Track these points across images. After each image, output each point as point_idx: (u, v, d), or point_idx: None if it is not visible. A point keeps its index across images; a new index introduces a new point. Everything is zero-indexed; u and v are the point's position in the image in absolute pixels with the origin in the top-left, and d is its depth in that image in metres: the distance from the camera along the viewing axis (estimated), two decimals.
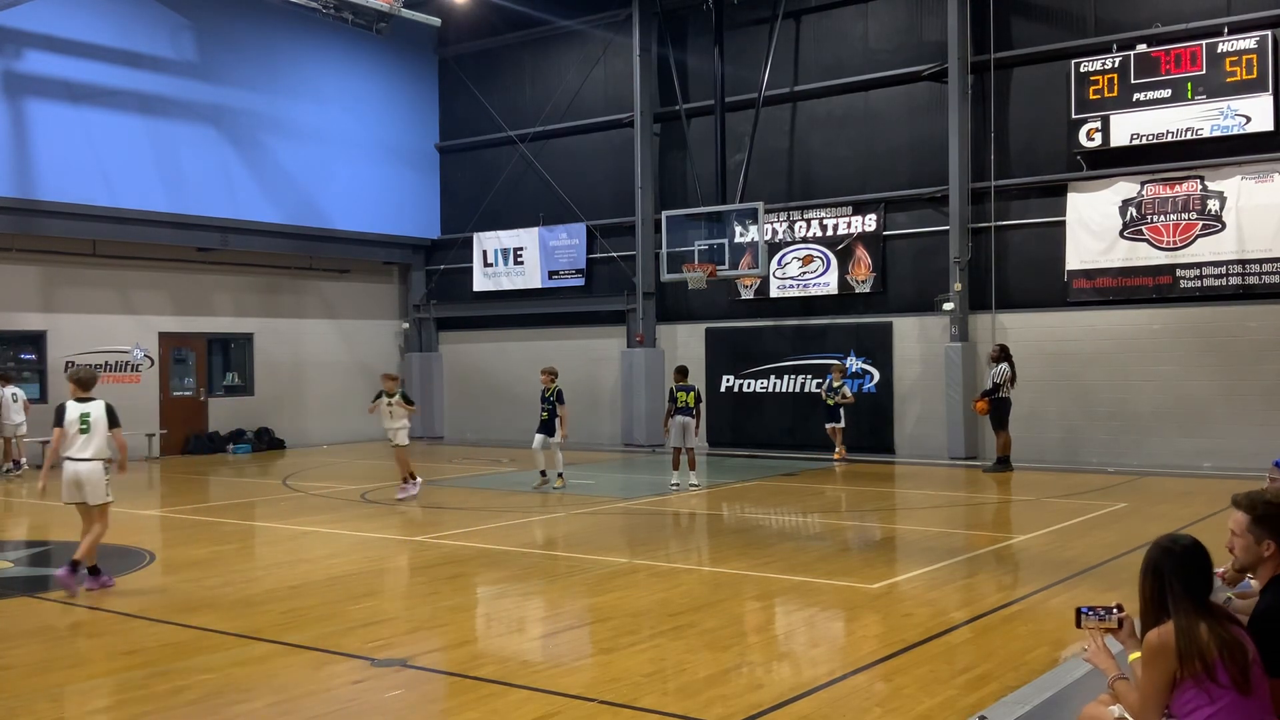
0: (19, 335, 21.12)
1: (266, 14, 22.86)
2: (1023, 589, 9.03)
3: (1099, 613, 4.12)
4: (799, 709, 5.87)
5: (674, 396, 16.30)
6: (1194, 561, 3.84)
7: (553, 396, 15.98)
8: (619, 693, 6.17)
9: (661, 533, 12.85)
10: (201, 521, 13.54)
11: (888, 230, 20.74)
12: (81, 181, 20.48)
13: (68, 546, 11.91)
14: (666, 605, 8.49)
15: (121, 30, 21.36)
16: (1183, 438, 17.85)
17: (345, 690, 6.39)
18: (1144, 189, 18.23)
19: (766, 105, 21.49)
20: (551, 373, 16.21)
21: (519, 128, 25.37)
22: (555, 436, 15.98)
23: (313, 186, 24.41)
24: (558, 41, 25.06)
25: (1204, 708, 3.67)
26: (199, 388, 23.74)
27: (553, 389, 16.00)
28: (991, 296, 19.60)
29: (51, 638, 7.78)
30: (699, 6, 22.25)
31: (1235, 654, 3.68)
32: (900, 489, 16.68)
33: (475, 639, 7.95)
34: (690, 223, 20.96)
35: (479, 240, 26.12)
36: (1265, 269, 17.25)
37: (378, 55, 25.37)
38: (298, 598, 8.92)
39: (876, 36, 21.05)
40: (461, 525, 12.96)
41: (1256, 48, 17.12)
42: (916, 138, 20.46)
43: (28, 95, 20.04)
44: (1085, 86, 18.50)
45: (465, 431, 26.18)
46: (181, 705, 6.11)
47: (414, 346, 27.15)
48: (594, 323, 24.49)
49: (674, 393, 16.33)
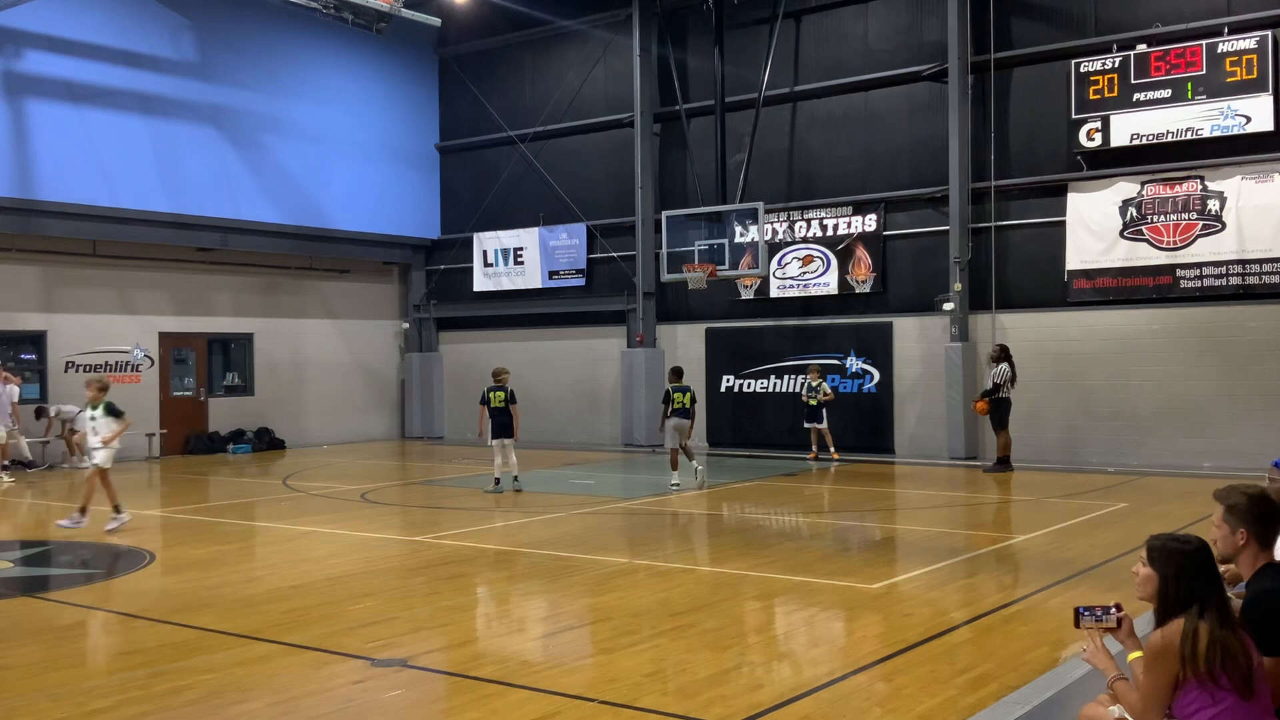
0: (19, 335, 21.12)
1: (266, 14, 22.86)
2: (1023, 589, 9.02)
3: (1097, 613, 4.13)
4: (799, 709, 5.87)
5: (669, 398, 16.18)
6: (1201, 563, 3.85)
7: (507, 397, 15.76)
8: (619, 693, 6.17)
9: (661, 533, 12.85)
10: (201, 521, 13.54)
11: (888, 230, 20.74)
12: (81, 181, 20.48)
13: (68, 546, 11.92)
14: (666, 605, 8.49)
15: (121, 30, 21.36)
16: (1183, 438, 17.85)
17: (345, 690, 6.39)
18: (1144, 189, 18.23)
19: (766, 105, 21.49)
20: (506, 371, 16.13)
21: (519, 128, 25.37)
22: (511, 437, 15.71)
23: (313, 186, 24.41)
24: (558, 41, 25.07)
25: (1205, 710, 3.67)
26: (199, 388, 23.74)
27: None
28: (992, 296, 19.60)
29: (51, 638, 7.77)
30: (699, 6, 22.25)
31: (1238, 657, 3.69)
32: (900, 489, 16.67)
33: (475, 639, 7.95)
34: (690, 223, 20.96)
35: (479, 240, 26.12)
36: (1265, 269, 17.25)
37: (378, 55, 25.37)
38: (298, 598, 8.92)
39: (876, 36, 21.05)
40: (461, 525, 12.96)
41: (1256, 48, 17.12)
42: (916, 138, 20.46)
43: (28, 95, 20.04)
44: (1085, 86, 18.50)
45: (465, 431, 26.16)
46: (181, 705, 6.11)
47: (414, 346, 27.15)
48: (594, 323, 24.49)
49: (670, 394, 16.22)
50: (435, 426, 26.61)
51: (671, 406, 16.12)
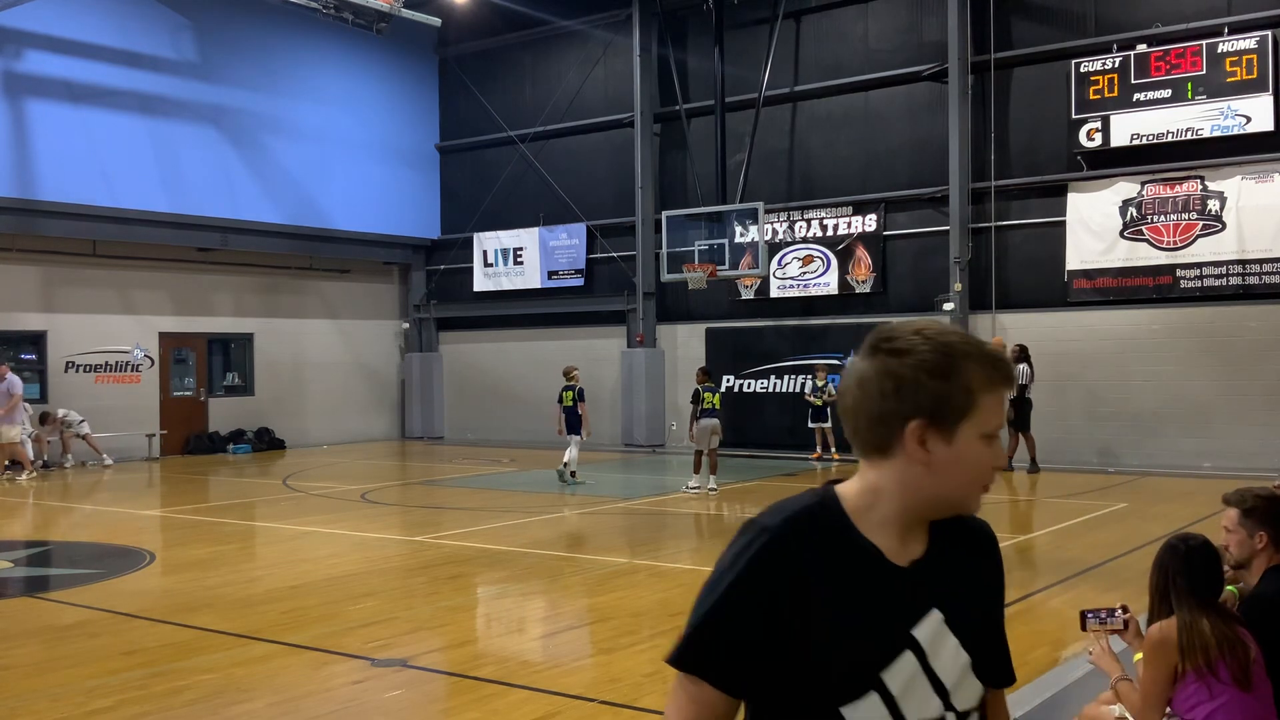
0: (19, 335, 21.11)
1: (266, 14, 22.85)
2: (1023, 589, 9.02)
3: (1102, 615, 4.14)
4: None
5: (699, 397, 15.63)
6: (1201, 559, 3.87)
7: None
8: (619, 693, 6.17)
9: (661, 533, 12.85)
10: (201, 521, 13.54)
11: (888, 230, 20.74)
12: (81, 181, 20.47)
13: (68, 546, 11.92)
14: (666, 605, 8.49)
15: (121, 30, 21.35)
16: (1183, 438, 17.85)
17: (345, 690, 6.39)
18: (1144, 189, 18.23)
19: (766, 105, 21.49)
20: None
21: (519, 128, 25.37)
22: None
23: (313, 186, 24.41)
24: (558, 41, 25.06)
25: (1204, 704, 3.68)
26: (199, 388, 23.74)
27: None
28: (992, 296, 19.60)
29: (51, 638, 7.77)
30: (699, 6, 22.24)
31: (1237, 651, 3.70)
32: None
33: (475, 639, 7.95)
34: (690, 223, 20.97)
35: (479, 240, 26.11)
36: (1265, 269, 17.25)
37: (378, 55, 25.36)
38: (298, 598, 8.92)
39: (876, 36, 21.05)
40: (461, 525, 12.96)
41: (1256, 48, 17.12)
42: (916, 138, 20.46)
43: (28, 95, 20.04)
44: (1085, 86, 18.49)
45: (465, 431, 26.17)
46: (181, 705, 6.11)
47: (414, 346, 27.14)
48: (594, 323, 24.48)
49: (699, 394, 15.69)
50: (435, 427, 26.60)
51: (701, 406, 15.54)
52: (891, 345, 1.74)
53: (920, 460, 1.72)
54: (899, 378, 1.71)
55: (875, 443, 1.75)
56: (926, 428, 1.71)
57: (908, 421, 1.71)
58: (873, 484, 1.77)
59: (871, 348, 1.76)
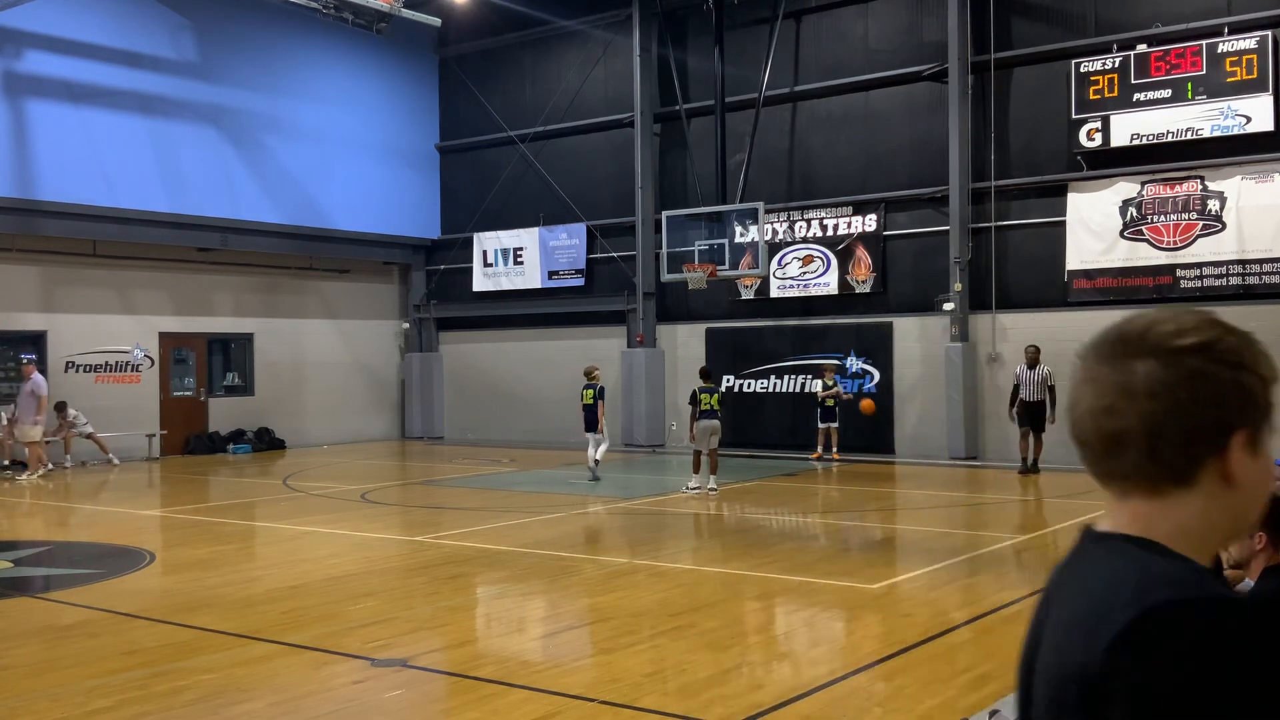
0: (19, 335, 21.11)
1: (266, 14, 22.85)
2: (1023, 589, 9.01)
3: None
4: (799, 709, 5.87)
5: (696, 399, 15.53)
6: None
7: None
8: (619, 693, 6.17)
9: (661, 533, 12.85)
10: (201, 521, 13.54)
11: (888, 230, 20.74)
12: (81, 181, 20.47)
13: (68, 546, 11.92)
14: (666, 605, 8.49)
15: (121, 30, 21.35)
16: None
17: (345, 690, 6.38)
18: (1144, 189, 18.23)
19: (766, 105, 21.48)
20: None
21: (519, 128, 25.37)
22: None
23: (313, 186, 24.40)
24: (558, 41, 25.06)
25: None
26: (199, 388, 23.73)
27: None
28: (992, 296, 19.60)
29: (51, 638, 7.77)
30: (699, 6, 22.24)
31: None
32: (901, 489, 16.68)
33: (475, 639, 7.95)
34: (690, 223, 20.96)
35: (479, 240, 26.11)
36: (1265, 269, 17.25)
37: (378, 55, 25.36)
38: (298, 598, 8.92)
39: (876, 36, 21.05)
40: (461, 525, 12.95)
41: (1256, 48, 17.12)
42: (916, 138, 20.46)
43: (28, 95, 20.04)
44: (1085, 86, 18.49)
45: (465, 431, 26.17)
46: (181, 705, 6.11)
47: (414, 346, 27.14)
48: (594, 323, 24.48)
49: (697, 395, 15.58)
50: (435, 426, 26.59)
51: (699, 408, 15.43)
52: (1189, 342, 1.39)
53: (1243, 481, 1.36)
54: (1217, 381, 1.36)
55: (1179, 468, 1.36)
56: (1249, 440, 1.36)
57: (1231, 434, 1.35)
58: (1181, 525, 1.37)
59: (1154, 348, 1.39)
